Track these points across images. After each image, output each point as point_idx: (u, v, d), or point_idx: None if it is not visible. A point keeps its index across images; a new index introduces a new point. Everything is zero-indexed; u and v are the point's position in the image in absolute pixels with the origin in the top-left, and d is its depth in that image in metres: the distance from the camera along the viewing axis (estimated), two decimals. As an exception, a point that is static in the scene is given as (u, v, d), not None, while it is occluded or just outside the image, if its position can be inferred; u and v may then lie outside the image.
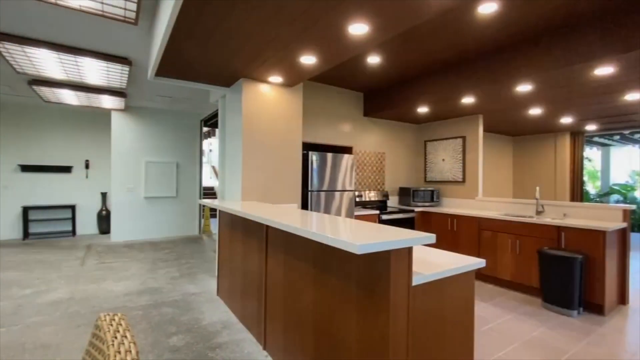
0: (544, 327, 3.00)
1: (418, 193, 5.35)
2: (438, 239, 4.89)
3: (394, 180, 5.77)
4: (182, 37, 2.61)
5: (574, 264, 3.21)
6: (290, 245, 2.16)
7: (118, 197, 6.59)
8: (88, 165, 7.24)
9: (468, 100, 4.26)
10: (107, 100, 5.83)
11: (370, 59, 3.86)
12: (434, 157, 5.77)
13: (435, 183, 5.76)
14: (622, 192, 9.32)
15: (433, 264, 1.68)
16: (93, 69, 4.21)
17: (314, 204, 4.11)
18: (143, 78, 4.69)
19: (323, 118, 4.85)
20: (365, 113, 5.32)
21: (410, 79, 4.53)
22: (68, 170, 7.04)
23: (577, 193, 6.84)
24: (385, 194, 5.38)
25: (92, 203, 7.28)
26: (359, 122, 5.31)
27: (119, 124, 6.65)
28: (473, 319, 1.75)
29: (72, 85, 4.96)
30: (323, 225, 1.74)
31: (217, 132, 9.91)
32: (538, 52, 3.20)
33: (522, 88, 3.65)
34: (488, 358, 2.46)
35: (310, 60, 3.06)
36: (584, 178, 7.46)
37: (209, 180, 12.62)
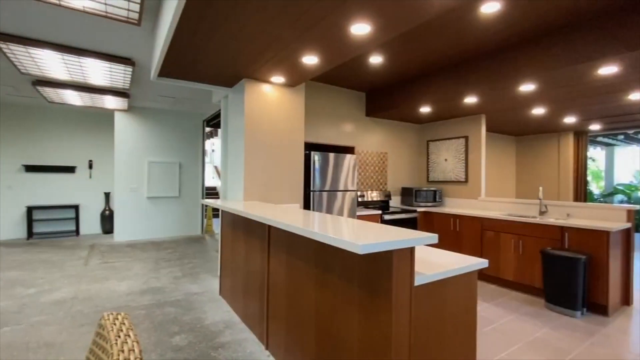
0: (547, 327, 2.99)
1: (420, 193, 5.34)
2: (440, 239, 4.88)
3: (396, 180, 5.76)
4: (184, 37, 2.62)
5: (578, 265, 3.19)
6: (292, 245, 2.17)
7: (121, 197, 6.63)
8: (91, 166, 7.28)
9: (471, 100, 4.24)
10: (110, 101, 5.86)
11: (373, 59, 3.86)
12: (437, 157, 5.75)
13: (438, 183, 5.75)
14: (626, 192, 9.25)
15: (435, 264, 1.68)
16: (96, 70, 4.23)
17: (316, 204, 4.11)
18: (146, 78, 4.72)
19: (325, 118, 4.85)
20: (368, 113, 5.32)
21: (413, 79, 4.52)
22: (71, 171, 7.09)
23: (580, 193, 6.80)
24: (388, 194, 5.38)
25: (95, 203, 7.32)
26: (361, 122, 5.30)
27: (122, 125, 6.69)
28: (475, 319, 1.75)
29: (75, 86, 4.99)
30: (325, 225, 1.74)
31: (219, 132, 9.93)
32: (540, 51, 3.19)
33: (525, 88, 3.64)
34: (491, 358, 2.45)
35: (313, 61, 3.07)
36: (588, 178, 7.42)
37: (212, 180, 12.65)
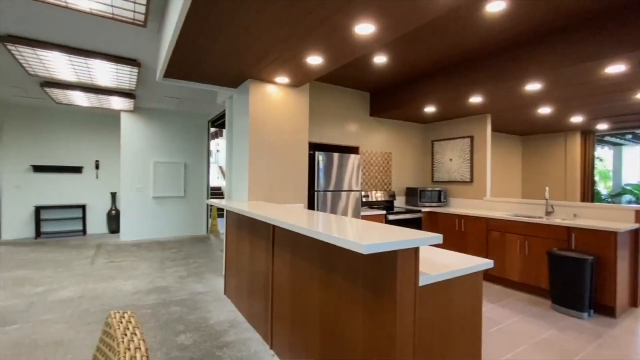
0: (554, 329, 2.96)
1: (425, 193, 5.32)
2: (445, 240, 4.85)
3: (401, 181, 5.74)
4: (190, 38, 2.64)
5: (585, 265, 3.16)
6: (297, 245, 2.17)
7: (127, 197, 6.69)
8: (98, 166, 7.36)
9: (476, 100, 4.22)
10: (116, 102, 5.92)
11: (377, 59, 3.85)
12: (442, 157, 5.73)
13: (443, 183, 5.72)
14: (634, 192, 9.13)
15: (440, 265, 1.67)
16: (103, 71, 4.28)
17: (320, 204, 4.11)
18: (151, 79, 4.75)
19: (329, 118, 4.85)
20: (372, 113, 5.31)
21: (417, 79, 4.50)
22: (79, 171, 7.17)
23: (587, 193, 6.73)
24: (392, 194, 5.36)
25: (102, 203, 7.40)
26: (366, 121, 5.29)
27: (128, 125, 6.75)
28: (481, 320, 1.74)
29: (82, 87, 5.04)
30: (329, 225, 1.74)
31: (224, 132, 9.98)
32: (546, 49, 3.16)
33: (530, 87, 3.61)
34: (497, 359, 2.44)
35: (317, 61, 3.07)
36: (595, 178, 7.34)
37: (216, 181, 12.71)
